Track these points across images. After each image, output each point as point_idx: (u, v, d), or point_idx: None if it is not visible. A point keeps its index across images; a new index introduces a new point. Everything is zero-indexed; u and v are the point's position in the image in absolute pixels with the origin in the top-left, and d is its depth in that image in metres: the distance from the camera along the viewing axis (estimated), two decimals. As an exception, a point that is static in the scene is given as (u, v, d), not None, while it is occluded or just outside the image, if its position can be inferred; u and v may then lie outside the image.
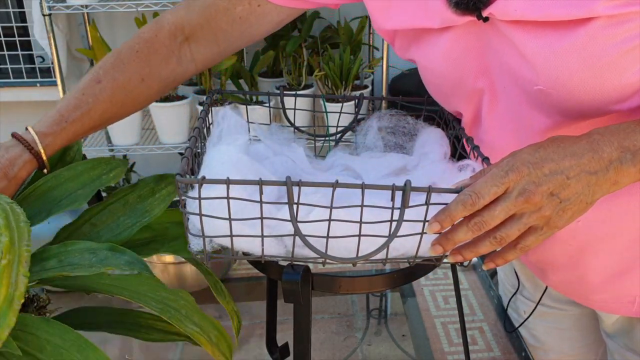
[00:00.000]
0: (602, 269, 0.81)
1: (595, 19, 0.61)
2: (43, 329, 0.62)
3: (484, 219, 0.59)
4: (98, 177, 0.82)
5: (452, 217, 0.59)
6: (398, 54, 0.83)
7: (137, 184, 0.83)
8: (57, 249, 0.69)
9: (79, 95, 0.82)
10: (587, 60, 0.63)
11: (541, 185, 0.58)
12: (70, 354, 0.60)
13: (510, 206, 0.58)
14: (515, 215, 0.59)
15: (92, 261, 0.66)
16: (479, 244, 0.61)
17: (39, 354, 0.60)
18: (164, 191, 0.81)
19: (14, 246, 0.59)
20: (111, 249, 0.67)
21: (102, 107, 0.83)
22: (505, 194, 0.58)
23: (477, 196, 0.58)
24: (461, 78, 0.76)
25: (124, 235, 0.78)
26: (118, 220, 0.80)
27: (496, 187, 0.58)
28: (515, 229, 0.59)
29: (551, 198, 0.59)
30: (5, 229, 0.60)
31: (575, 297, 0.89)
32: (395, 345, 1.03)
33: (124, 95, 0.84)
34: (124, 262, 0.65)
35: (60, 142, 0.81)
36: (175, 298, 0.74)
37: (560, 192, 0.59)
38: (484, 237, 0.61)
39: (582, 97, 0.65)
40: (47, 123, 0.80)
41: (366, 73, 2.24)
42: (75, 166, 0.83)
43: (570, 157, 0.59)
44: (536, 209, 0.59)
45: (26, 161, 0.78)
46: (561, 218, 0.60)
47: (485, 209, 0.59)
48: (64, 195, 0.80)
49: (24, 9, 2.56)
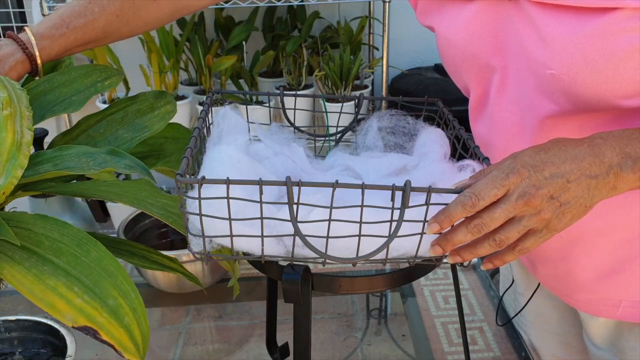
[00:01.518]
0: (591, 267, 0.81)
1: (620, 10, 0.61)
2: (39, 225, 0.59)
3: (483, 220, 0.59)
4: (93, 84, 0.77)
5: (451, 218, 0.59)
6: (419, 19, 0.83)
7: (136, 97, 0.78)
8: (52, 153, 0.64)
9: (84, 2, 0.78)
10: (604, 49, 0.62)
11: (541, 188, 0.58)
12: (70, 248, 0.57)
13: (510, 208, 0.58)
14: (514, 217, 0.59)
15: (90, 164, 0.62)
16: (478, 245, 0.61)
17: (36, 248, 0.58)
18: (163, 109, 0.78)
19: (13, 102, 0.56)
20: (110, 152, 0.62)
21: (107, 19, 0.78)
22: (505, 196, 0.58)
23: (477, 198, 0.58)
24: (476, 53, 0.76)
25: (122, 148, 0.72)
26: (116, 133, 0.75)
27: (496, 189, 0.58)
28: (515, 231, 0.60)
29: (551, 201, 0.59)
30: (1, 87, 0.58)
31: (562, 294, 0.89)
32: (395, 345, 1.03)
33: (133, 12, 0.80)
34: (124, 166, 0.61)
35: (57, 49, 0.76)
36: (176, 205, 0.69)
37: (560, 195, 0.59)
38: (484, 238, 0.61)
39: (593, 87, 0.65)
40: (46, 26, 0.75)
41: (366, 73, 2.24)
42: (69, 71, 0.78)
43: (571, 161, 0.59)
44: (536, 211, 0.59)
45: (18, 61, 0.73)
46: (560, 221, 0.60)
47: (485, 210, 0.59)
48: (57, 100, 0.75)
49: (24, 9, 2.57)
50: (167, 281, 1.10)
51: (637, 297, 0.80)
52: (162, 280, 1.10)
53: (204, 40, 2.22)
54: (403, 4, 2.49)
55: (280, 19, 2.41)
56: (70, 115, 2.17)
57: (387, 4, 2.04)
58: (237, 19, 2.37)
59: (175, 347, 1.03)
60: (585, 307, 0.86)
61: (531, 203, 0.58)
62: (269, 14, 2.40)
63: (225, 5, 2.02)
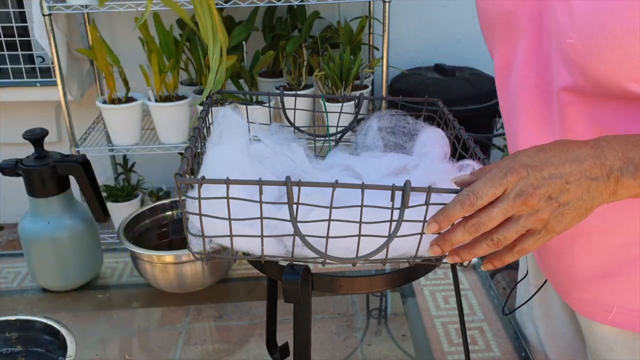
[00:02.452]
0: (589, 265, 0.80)
1: None
2: None
3: (481, 220, 0.59)
4: None
5: (450, 218, 0.59)
6: None
7: None
8: None
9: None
10: (625, 25, 0.62)
11: (539, 187, 0.58)
12: None
13: (507, 207, 0.58)
14: (512, 217, 0.59)
15: None
16: (477, 245, 0.61)
17: None
18: None
19: None
20: None
21: None
22: (503, 195, 0.58)
23: (476, 196, 0.58)
24: (514, 12, 0.75)
25: None
26: None
27: (494, 188, 0.58)
28: (513, 231, 0.59)
29: (549, 201, 0.59)
30: None
31: (561, 290, 0.89)
32: (395, 345, 1.03)
33: None
34: None
35: None
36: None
37: (559, 196, 0.59)
38: (482, 238, 0.61)
39: (608, 63, 0.64)
40: None
41: (366, 73, 2.24)
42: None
43: (572, 162, 0.59)
44: (533, 211, 0.59)
45: None
46: (560, 222, 0.60)
47: (483, 210, 0.59)
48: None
49: (24, 9, 2.56)
50: (167, 281, 1.10)
51: (630, 305, 0.79)
52: (162, 280, 1.10)
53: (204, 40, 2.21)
54: (403, 4, 2.49)
55: (280, 19, 2.41)
56: (70, 115, 2.17)
57: (387, 4, 2.04)
58: (237, 19, 2.37)
59: (175, 347, 1.03)
60: (578, 307, 0.86)
61: (529, 202, 0.58)
62: (269, 14, 2.39)
63: (225, 5, 2.02)
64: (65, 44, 2.23)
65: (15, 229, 2.91)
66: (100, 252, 1.20)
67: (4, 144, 2.65)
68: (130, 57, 2.31)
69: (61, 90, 2.13)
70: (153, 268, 1.09)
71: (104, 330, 1.08)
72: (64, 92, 2.14)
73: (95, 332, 1.07)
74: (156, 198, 2.55)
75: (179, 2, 1.99)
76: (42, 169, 1.08)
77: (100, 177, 1.35)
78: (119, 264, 1.25)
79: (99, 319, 1.10)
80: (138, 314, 1.12)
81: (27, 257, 1.14)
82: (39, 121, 2.17)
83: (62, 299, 1.16)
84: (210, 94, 0.84)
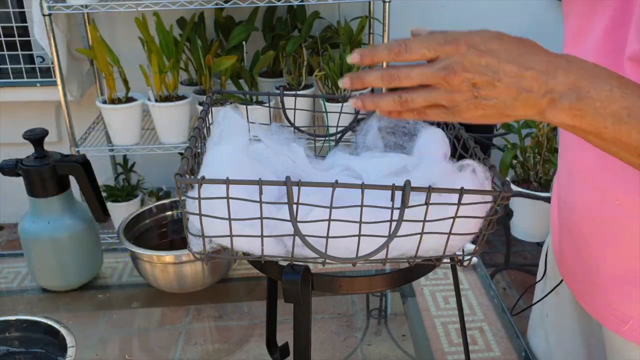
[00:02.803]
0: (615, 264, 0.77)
1: None
2: None
3: (399, 72, 0.57)
4: None
5: (373, 55, 0.58)
6: None
7: None
8: None
9: None
10: None
11: (468, 71, 0.56)
12: None
13: (428, 75, 0.57)
14: (429, 86, 0.58)
15: None
16: (384, 97, 0.59)
17: None
18: None
19: None
20: None
21: None
22: (432, 61, 0.57)
23: (406, 48, 0.57)
24: None
25: None
26: None
27: (427, 50, 0.56)
28: (422, 99, 0.58)
29: (470, 88, 0.56)
30: None
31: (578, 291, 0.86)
32: (395, 345, 1.03)
33: None
34: None
35: None
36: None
37: (483, 88, 0.56)
38: (392, 92, 0.59)
39: None
40: None
41: (366, 73, 2.24)
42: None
43: (516, 65, 0.56)
44: (451, 90, 0.57)
45: None
46: (469, 111, 0.58)
47: (406, 66, 0.57)
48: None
49: (24, 9, 2.56)
50: (167, 281, 1.10)
51: None
52: (162, 280, 1.10)
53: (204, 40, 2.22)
54: (403, 4, 2.49)
55: (280, 19, 2.41)
56: (70, 115, 2.17)
57: (387, 4, 2.04)
58: (237, 19, 2.37)
59: (175, 347, 1.03)
60: (592, 310, 0.83)
61: (449, 79, 0.56)
62: (269, 14, 2.39)
63: (225, 5, 2.02)
64: (65, 44, 2.23)
65: (15, 229, 2.91)
66: (100, 252, 1.20)
67: (4, 144, 2.65)
68: (130, 57, 2.31)
69: (61, 90, 2.13)
70: (153, 268, 1.09)
71: (104, 330, 1.08)
72: (64, 92, 2.14)
73: (95, 332, 1.07)
74: (156, 198, 2.55)
75: (178, 2, 1.99)
76: (42, 169, 1.08)
77: (100, 177, 1.35)
78: (119, 264, 1.25)
79: (99, 319, 1.10)
80: (138, 314, 1.12)
81: (27, 257, 1.14)
82: (39, 121, 2.17)
83: (62, 299, 1.16)
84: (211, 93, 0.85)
